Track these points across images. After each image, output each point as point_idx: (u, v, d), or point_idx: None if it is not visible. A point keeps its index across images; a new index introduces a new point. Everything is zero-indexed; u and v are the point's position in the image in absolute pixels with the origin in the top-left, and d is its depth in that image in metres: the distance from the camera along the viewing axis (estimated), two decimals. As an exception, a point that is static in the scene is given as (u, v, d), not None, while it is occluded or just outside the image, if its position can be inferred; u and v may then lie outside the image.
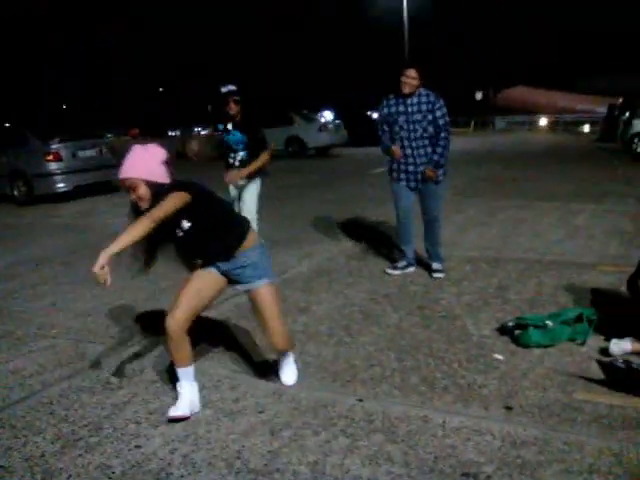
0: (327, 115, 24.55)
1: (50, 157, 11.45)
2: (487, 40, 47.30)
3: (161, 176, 2.97)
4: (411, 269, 5.62)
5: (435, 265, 5.51)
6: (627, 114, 16.92)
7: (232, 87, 5.72)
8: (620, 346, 3.61)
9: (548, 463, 2.58)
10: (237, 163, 5.88)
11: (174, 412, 3.06)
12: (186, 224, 3.00)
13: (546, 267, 5.56)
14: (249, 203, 5.92)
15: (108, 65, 58.81)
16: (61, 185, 11.54)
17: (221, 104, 5.75)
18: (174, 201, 2.87)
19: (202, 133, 41.70)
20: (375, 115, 26.23)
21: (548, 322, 3.82)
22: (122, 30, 57.02)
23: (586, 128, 36.05)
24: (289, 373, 3.43)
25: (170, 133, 61.33)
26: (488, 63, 45.43)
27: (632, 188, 10.07)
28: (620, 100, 20.77)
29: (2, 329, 4.66)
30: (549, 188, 10.31)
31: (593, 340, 3.83)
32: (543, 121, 38.77)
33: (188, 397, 3.11)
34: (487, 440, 2.78)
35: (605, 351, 3.65)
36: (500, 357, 3.69)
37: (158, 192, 2.93)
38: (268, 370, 3.57)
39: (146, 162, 2.96)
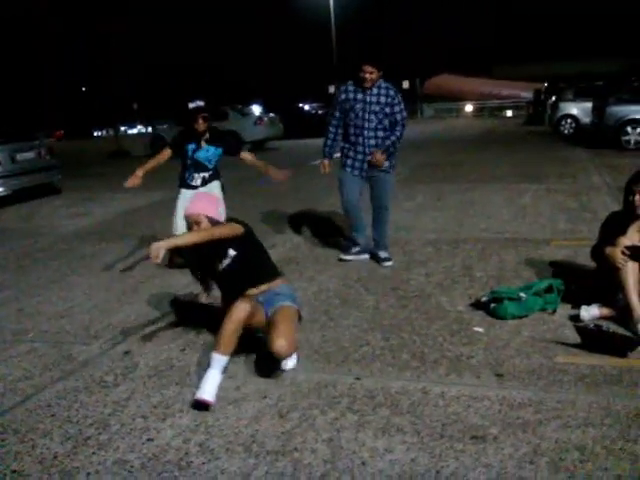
0: (255, 109, 24.46)
1: (-14, 161, 11.01)
2: (412, 28, 48.18)
3: (220, 216, 3.64)
4: (365, 256, 5.68)
5: (382, 254, 5.55)
6: (554, 98, 17.71)
7: (200, 103, 5.62)
8: (589, 312, 3.88)
9: (547, 421, 2.79)
10: (199, 182, 5.66)
11: (201, 395, 3.13)
12: (232, 252, 3.51)
13: (504, 245, 5.84)
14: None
15: (31, 65, 56.61)
16: (0, 190, 11.13)
17: (189, 121, 5.52)
18: (230, 228, 3.47)
19: (129, 132, 40.85)
20: (306, 107, 26.45)
21: (521, 294, 4.04)
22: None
23: (509, 113, 37.39)
24: (291, 358, 3.51)
25: (96, 133, 59.93)
26: (413, 52, 46.33)
27: (567, 168, 10.60)
28: (545, 85, 21.68)
29: (-29, 338, 4.52)
30: (490, 171, 10.72)
31: (562, 309, 4.10)
32: (469, 107, 39.97)
33: (216, 384, 3.18)
34: (486, 405, 2.96)
35: (575, 318, 3.93)
36: (480, 330, 3.89)
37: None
38: (263, 356, 3.64)
39: (209, 204, 3.58)
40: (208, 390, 3.15)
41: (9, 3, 50.10)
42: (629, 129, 12.93)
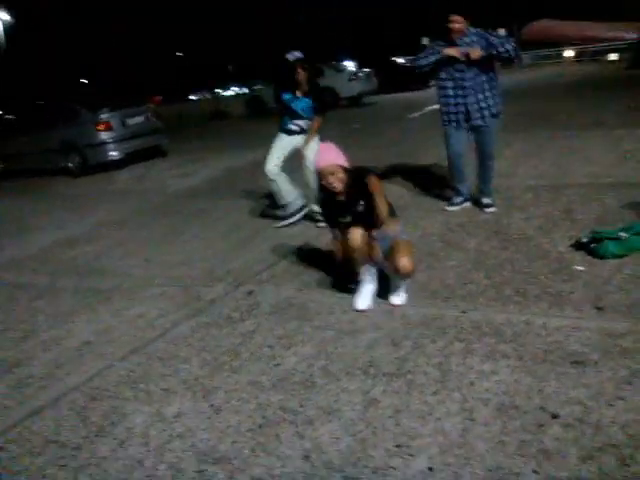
0: (349, 65, 24.46)
1: (101, 127, 11.87)
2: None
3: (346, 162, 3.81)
4: (468, 204, 5.85)
5: (485, 200, 5.67)
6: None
7: (299, 54, 5.75)
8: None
9: (646, 348, 2.95)
10: (297, 129, 5.94)
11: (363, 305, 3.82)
12: (362, 203, 3.74)
13: (605, 190, 5.81)
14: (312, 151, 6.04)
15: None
16: (114, 153, 11.97)
17: (289, 72, 5.73)
18: (380, 186, 3.71)
19: (224, 94, 41.77)
20: (400, 60, 26.10)
21: (621, 234, 4.13)
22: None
23: (612, 56, 35.21)
24: (400, 295, 3.82)
25: (191, 97, 61.67)
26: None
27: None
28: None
29: (107, 284, 5.11)
30: (593, 117, 10.39)
31: (665, 248, 4.14)
32: (569, 52, 37.98)
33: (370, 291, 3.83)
34: (587, 335, 3.15)
35: (678, 256, 3.97)
36: (581, 268, 4.03)
37: (349, 175, 3.74)
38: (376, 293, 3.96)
39: (337, 154, 3.77)
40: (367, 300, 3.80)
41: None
42: None
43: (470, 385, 2.83)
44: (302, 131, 5.97)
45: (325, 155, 3.77)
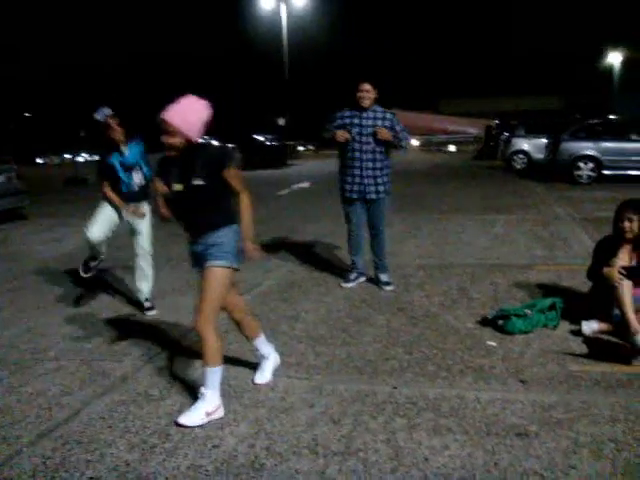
0: (212, 141, 24.64)
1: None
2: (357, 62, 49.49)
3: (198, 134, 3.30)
4: (362, 278, 5.97)
5: (383, 277, 5.77)
6: (506, 134, 18.67)
7: (107, 110, 5.20)
8: (590, 326, 4.28)
9: (577, 418, 3.13)
10: (136, 188, 5.31)
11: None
12: (198, 182, 3.28)
13: (490, 270, 6.25)
14: (147, 235, 5.42)
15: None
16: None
17: (102, 131, 5.18)
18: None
19: (76, 159, 40.19)
20: (260, 138, 26.80)
21: (527, 311, 4.42)
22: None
23: (452, 148, 38.67)
24: (264, 374, 3.82)
25: (39, 160, 58.66)
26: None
27: (528, 200, 11.25)
28: (496, 121, 22.77)
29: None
30: (455, 202, 11.24)
31: (561, 325, 4.49)
32: (415, 142, 41.20)
33: (205, 406, 3.32)
34: (520, 407, 3.28)
35: (576, 332, 4.31)
36: (493, 344, 4.23)
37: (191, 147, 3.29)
38: (294, 368, 3.87)
39: (193, 115, 3.25)
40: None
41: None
42: (581, 164, 13.79)
43: (426, 461, 2.81)
44: (139, 190, 5.33)
45: (178, 108, 3.23)
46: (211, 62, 48.52)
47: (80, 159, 48.98)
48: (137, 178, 5.32)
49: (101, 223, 5.27)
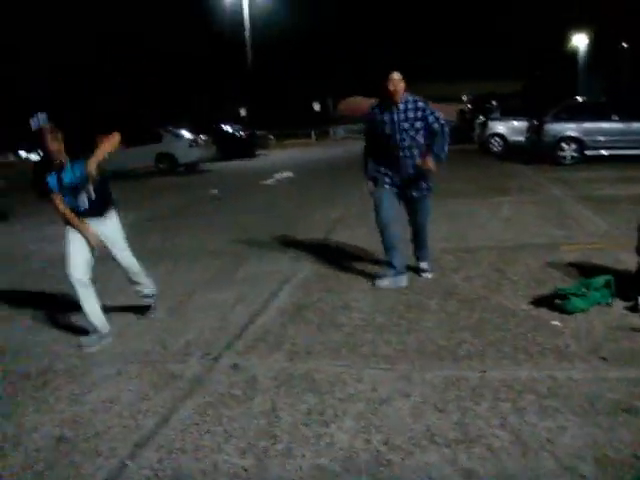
0: (185, 132, 24.40)
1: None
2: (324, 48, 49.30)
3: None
4: (403, 277, 5.52)
5: (423, 265, 5.73)
6: (481, 117, 18.90)
7: (43, 116, 4.36)
8: (646, 301, 4.40)
9: (677, 392, 3.22)
10: (86, 207, 4.60)
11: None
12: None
13: (517, 251, 6.34)
14: (123, 246, 4.88)
15: None
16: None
17: (38, 142, 4.39)
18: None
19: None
20: (229, 129, 26.55)
21: (584, 290, 4.52)
22: None
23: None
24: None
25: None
26: (325, 75, 47.48)
27: (521, 182, 11.45)
28: (469, 105, 23.00)
29: (33, 366, 4.39)
30: (451, 187, 11.31)
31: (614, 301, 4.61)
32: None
33: None
34: (615, 384, 3.36)
35: (631, 308, 4.43)
36: (558, 323, 4.31)
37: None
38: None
39: None
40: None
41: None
42: (565, 145, 14.08)
43: (549, 442, 2.86)
44: (91, 208, 4.62)
45: None
46: (178, 56, 47.57)
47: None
48: (86, 197, 4.58)
49: (80, 264, 4.61)
